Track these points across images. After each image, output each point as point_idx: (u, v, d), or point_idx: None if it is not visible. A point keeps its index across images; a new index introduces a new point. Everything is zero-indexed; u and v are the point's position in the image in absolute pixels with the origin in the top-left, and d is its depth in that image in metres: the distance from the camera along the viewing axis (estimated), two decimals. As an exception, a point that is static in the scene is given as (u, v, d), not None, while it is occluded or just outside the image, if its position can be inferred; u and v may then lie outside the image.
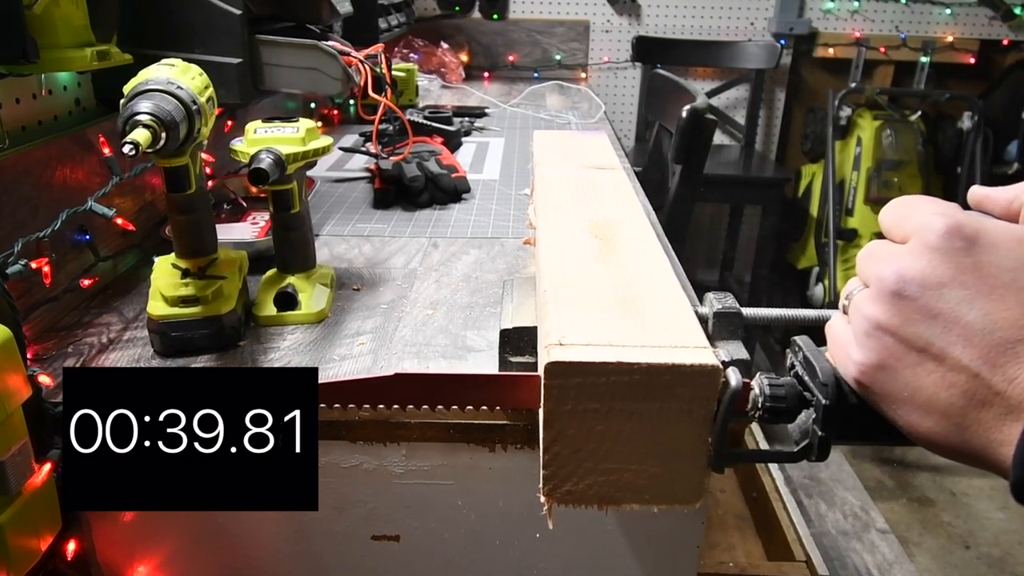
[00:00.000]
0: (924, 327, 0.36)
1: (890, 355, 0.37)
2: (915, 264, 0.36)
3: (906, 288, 0.36)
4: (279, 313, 0.76)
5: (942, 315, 0.35)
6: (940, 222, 0.36)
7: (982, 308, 0.35)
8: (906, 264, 0.37)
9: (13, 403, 0.49)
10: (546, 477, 0.45)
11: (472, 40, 2.76)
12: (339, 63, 0.94)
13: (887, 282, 0.37)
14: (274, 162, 0.70)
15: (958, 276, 0.35)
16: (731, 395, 0.43)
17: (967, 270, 0.35)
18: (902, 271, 0.37)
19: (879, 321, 0.37)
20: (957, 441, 0.36)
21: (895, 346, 0.37)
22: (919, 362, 0.36)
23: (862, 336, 0.39)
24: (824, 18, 2.81)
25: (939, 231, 0.36)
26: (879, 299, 0.38)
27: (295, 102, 1.65)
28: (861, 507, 1.97)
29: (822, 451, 0.42)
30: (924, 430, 0.37)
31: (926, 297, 0.36)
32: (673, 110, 1.54)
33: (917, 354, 0.36)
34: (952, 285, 0.35)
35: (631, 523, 0.67)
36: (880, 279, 0.38)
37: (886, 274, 0.37)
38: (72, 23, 0.71)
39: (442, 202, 1.18)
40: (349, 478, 0.65)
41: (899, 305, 0.37)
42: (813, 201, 2.84)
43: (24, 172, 0.72)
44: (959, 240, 0.36)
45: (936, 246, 0.36)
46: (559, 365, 0.42)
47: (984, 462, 0.35)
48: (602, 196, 0.72)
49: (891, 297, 0.37)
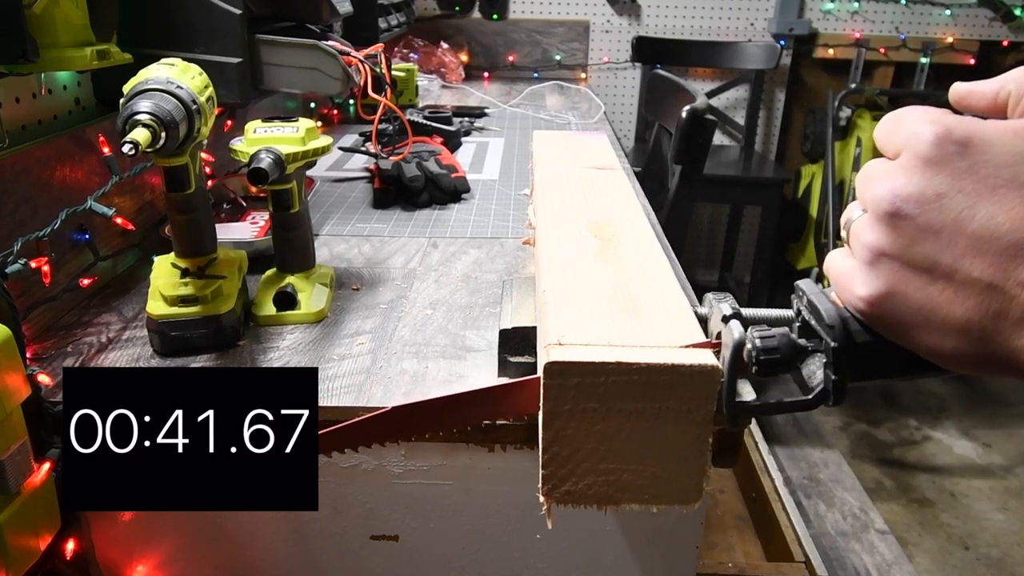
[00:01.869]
0: (928, 245, 0.34)
1: (897, 281, 0.35)
2: (909, 180, 0.34)
3: (903, 207, 0.34)
4: (278, 313, 0.76)
5: (945, 229, 0.33)
6: (928, 130, 0.34)
7: (986, 213, 0.32)
8: (900, 182, 0.34)
9: (12, 402, 0.49)
10: (545, 477, 0.45)
11: (472, 40, 2.76)
12: (339, 63, 0.94)
13: (883, 204, 0.35)
14: (273, 162, 0.70)
15: (955, 184, 0.33)
16: (735, 346, 0.42)
17: (964, 175, 0.33)
18: (897, 190, 0.34)
19: (880, 247, 0.35)
20: (981, 355, 0.34)
21: (901, 271, 0.35)
22: (929, 283, 0.34)
23: (865, 266, 0.37)
24: (824, 19, 2.81)
25: (929, 140, 0.34)
26: (877, 223, 0.35)
27: (295, 102, 1.65)
28: (860, 508, 1.97)
29: (838, 395, 0.40)
30: (947, 351, 0.35)
31: (926, 213, 0.34)
32: (673, 110, 1.54)
33: (926, 275, 0.34)
34: (950, 195, 0.33)
35: (630, 523, 0.67)
36: (876, 202, 0.35)
37: (881, 195, 0.35)
38: (72, 22, 0.71)
39: (442, 202, 1.18)
40: (348, 478, 0.65)
41: (899, 226, 0.34)
42: (813, 202, 2.84)
43: (24, 171, 0.72)
44: (951, 145, 0.34)
45: (928, 156, 0.34)
46: (558, 365, 0.42)
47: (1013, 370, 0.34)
48: (602, 196, 0.72)
49: (889, 219, 0.35)
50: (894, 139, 0.36)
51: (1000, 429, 2.46)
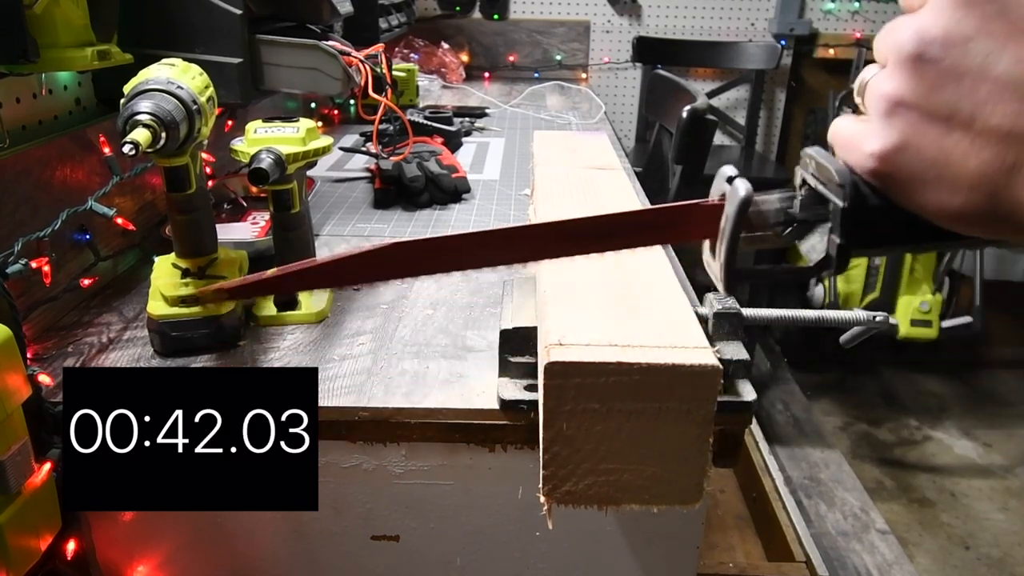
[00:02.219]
0: (950, 91, 0.32)
1: (913, 132, 0.34)
2: (936, 21, 0.33)
3: (928, 49, 0.33)
4: (279, 313, 0.76)
5: (969, 72, 0.32)
6: None
7: (1013, 57, 0.31)
8: (927, 23, 0.33)
9: (13, 403, 0.49)
10: (546, 477, 0.45)
11: (472, 40, 2.76)
12: (339, 63, 0.94)
13: (906, 47, 0.33)
14: (274, 162, 0.70)
15: (984, 26, 0.32)
16: (740, 205, 0.39)
17: (994, 17, 0.32)
18: (922, 31, 0.33)
19: (900, 95, 0.34)
20: (987, 212, 0.33)
21: (918, 121, 0.33)
22: (945, 132, 0.33)
23: (881, 118, 0.35)
24: (824, 19, 2.81)
25: None
26: (899, 69, 0.34)
27: (295, 102, 1.65)
28: (861, 508, 1.97)
29: (841, 261, 0.38)
30: (955, 208, 0.34)
31: (951, 56, 0.32)
32: (673, 110, 1.54)
33: (943, 124, 0.33)
34: (978, 37, 0.32)
35: (631, 523, 0.67)
36: (898, 46, 0.34)
37: (904, 38, 0.33)
38: (72, 23, 0.71)
39: (442, 202, 1.18)
40: (349, 478, 0.65)
41: (921, 71, 0.33)
42: (813, 202, 2.83)
43: (24, 172, 0.72)
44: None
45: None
46: (559, 365, 0.42)
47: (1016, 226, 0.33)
48: (602, 196, 0.72)
49: (912, 63, 0.33)
50: None
51: (1000, 429, 2.46)
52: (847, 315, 0.59)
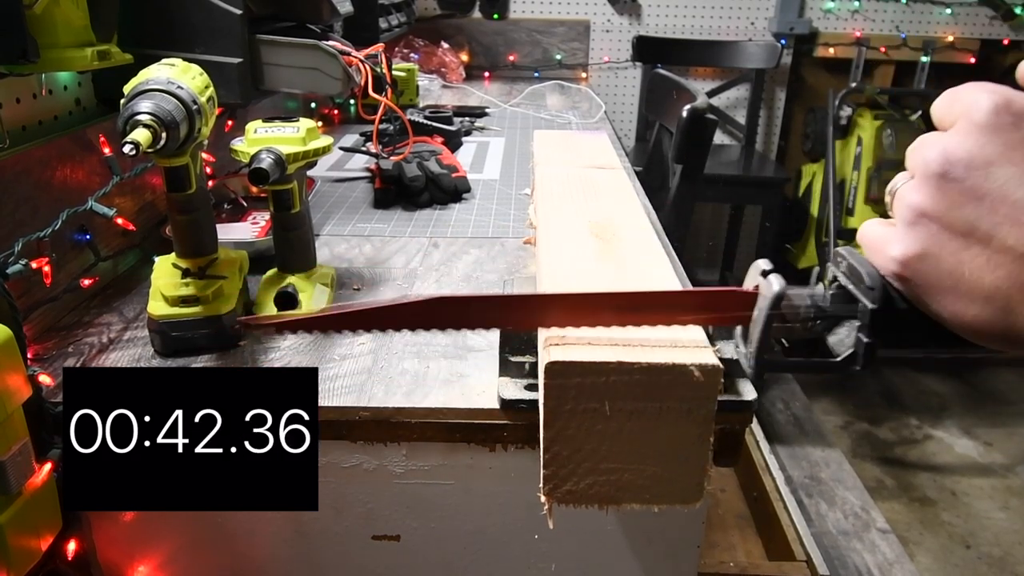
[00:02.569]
0: (970, 209, 0.34)
1: (934, 242, 0.36)
2: (962, 144, 0.35)
3: (952, 169, 0.35)
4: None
5: (989, 194, 0.34)
6: (987, 99, 0.35)
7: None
8: (952, 144, 0.35)
9: (13, 403, 0.49)
10: (546, 477, 0.45)
11: (472, 40, 2.76)
12: (339, 63, 0.94)
13: (932, 165, 0.35)
14: (274, 162, 0.70)
15: (1006, 153, 0.34)
16: (774, 300, 0.41)
17: (1016, 146, 0.34)
18: (948, 152, 0.35)
19: (923, 208, 0.36)
20: (1002, 326, 0.35)
21: (939, 233, 0.35)
22: (964, 246, 0.35)
23: (905, 226, 0.37)
24: (824, 18, 2.81)
25: (986, 108, 0.35)
26: (924, 184, 0.36)
27: (295, 102, 1.65)
28: (861, 507, 1.97)
29: (868, 359, 0.41)
30: (969, 319, 0.36)
31: (973, 177, 0.34)
32: (673, 110, 1.54)
33: (962, 239, 0.35)
34: (1000, 163, 0.34)
35: (631, 523, 0.67)
36: (925, 163, 0.36)
37: (931, 157, 0.36)
38: (72, 23, 0.71)
39: (442, 202, 1.18)
40: (349, 478, 0.65)
41: (944, 188, 0.35)
42: (813, 201, 2.84)
43: (24, 172, 0.72)
44: (1007, 115, 0.34)
45: (983, 123, 0.35)
46: (559, 365, 0.42)
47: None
48: (603, 196, 0.72)
49: (936, 180, 0.35)
50: (953, 109, 0.37)
51: (1001, 428, 2.46)
52: (847, 314, 0.59)
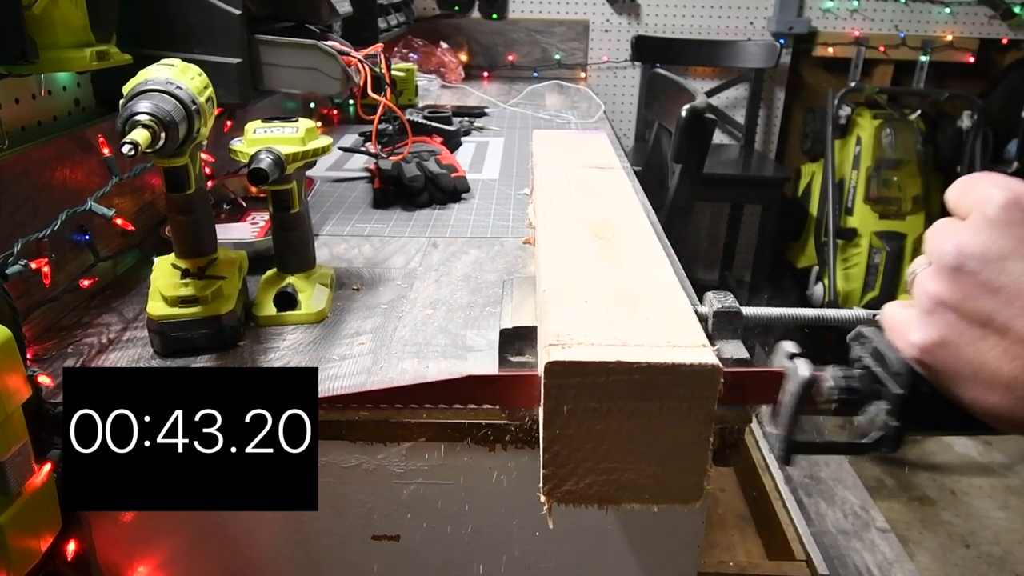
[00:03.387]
0: (986, 301, 0.36)
1: (952, 331, 0.37)
2: (975, 238, 0.36)
3: (967, 263, 0.36)
4: (278, 313, 0.76)
5: (1004, 288, 0.35)
6: (1000, 195, 0.36)
7: None
8: (966, 238, 0.36)
9: (13, 403, 0.49)
10: (546, 476, 0.45)
11: (471, 40, 2.76)
12: (338, 63, 0.94)
13: (947, 258, 0.37)
14: (273, 162, 0.70)
15: (1018, 248, 0.35)
16: (803, 385, 0.42)
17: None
18: (962, 246, 0.36)
19: (941, 297, 0.37)
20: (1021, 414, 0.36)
21: (957, 322, 0.37)
22: (981, 336, 0.36)
23: (924, 314, 0.38)
24: (823, 17, 2.81)
25: (999, 203, 0.36)
26: (940, 275, 0.37)
27: (294, 102, 1.64)
28: (861, 506, 1.97)
29: (896, 442, 0.42)
30: (990, 406, 0.37)
31: (987, 271, 0.36)
32: (673, 109, 1.54)
33: (979, 329, 0.36)
34: (1013, 257, 0.35)
35: (631, 523, 0.67)
36: (941, 255, 0.37)
37: (946, 250, 0.37)
38: (71, 23, 0.71)
39: (442, 202, 1.18)
40: (349, 478, 0.65)
41: (960, 280, 0.36)
42: (813, 200, 2.84)
43: (23, 172, 0.72)
44: (1018, 212, 0.36)
45: (996, 219, 0.36)
46: (559, 365, 0.42)
47: None
48: (602, 195, 0.72)
49: (952, 272, 0.37)
50: (966, 199, 0.38)
51: (1001, 427, 2.46)
52: (847, 314, 0.59)
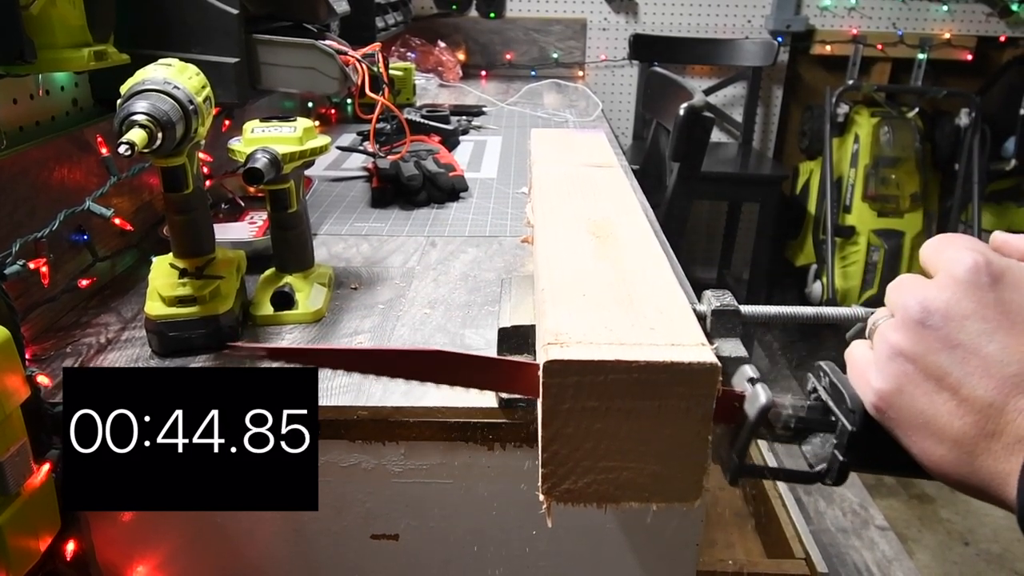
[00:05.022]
0: (944, 356, 0.37)
1: (908, 381, 0.39)
2: (940, 296, 0.38)
3: (929, 318, 0.38)
4: (276, 313, 0.76)
5: (962, 346, 0.37)
6: (968, 257, 0.38)
7: (1001, 342, 0.36)
8: (932, 295, 0.38)
9: (12, 404, 0.49)
10: (545, 475, 0.45)
11: (469, 39, 2.76)
12: (336, 62, 0.94)
13: (912, 311, 0.38)
14: (269, 161, 0.70)
15: (980, 310, 0.37)
16: (761, 411, 0.43)
17: (990, 305, 0.37)
18: (927, 302, 0.38)
19: (901, 348, 0.39)
20: (967, 471, 0.37)
21: (914, 373, 0.38)
22: (935, 390, 0.37)
23: (883, 361, 0.40)
24: (821, 15, 2.81)
25: (967, 265, 0.38)
26: (903, 327, 0.39)
27: (292, 101, 1.64)
28: (860, 504, 1.97)
29: (840, 476, 0.44)
30: (936, 458, 0.38)
31: (948, 328, 0.37)
32: (671, 108, 1.54)
33: (934, 383, 0.38)
34: (974, 318, 0.37)
35: (630, 521, 0.67)
36: (905, 308, 0.39)
37: (911, 304, 0.39)
38: (69, 23, 0.71)
39: (440, 201, 1.18)
40: (348, 477, 0.65)
41: (922, 334, 0.38)
42: (811, 198, 2.84)
43: (21, 172, 0.72)
44: (985, 276, 0.37)
45: (962, 279, 0.37)
46: (557, 364, 0.42)
47: (991, 495, 0.36)
48: (600, 194, 0.72)
49: (915, 326, 0.38)
50: (940, 255, 0.40)
51: (999, 424, 2.46)
52: (845, 312, 0.59)
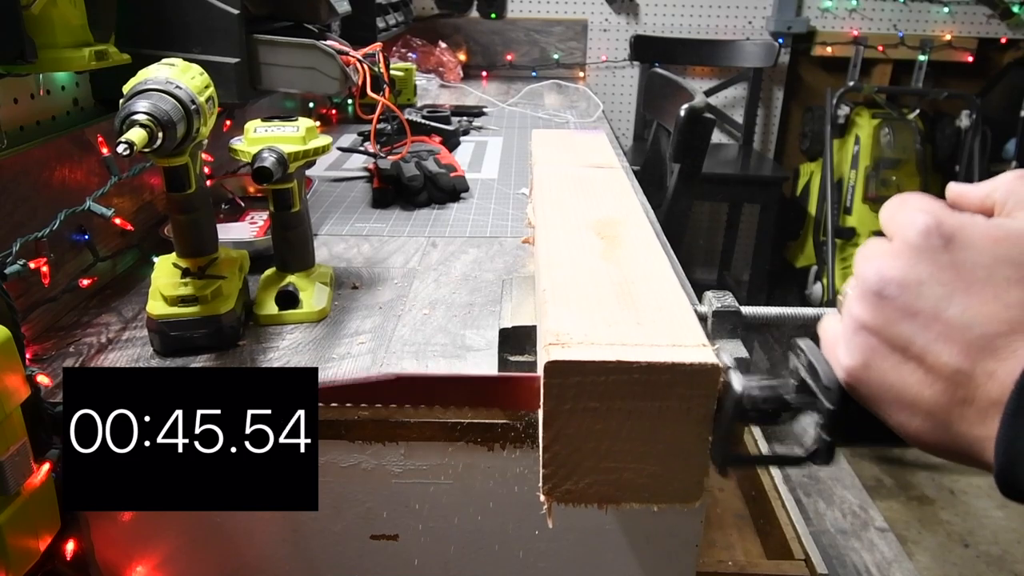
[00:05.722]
0: (905, 326, 0.36)
1: (874, 355, 0.37)
2: (895, 263, 0.37)
3: (886, 288, 0.37)
4: (280, 312, 0.76)
5: (921, 313, 0.35)
6: (920, 220, 0.36)
7: (960, 304, 0.35)
8: (887, 264, 0.37)
9: (12, 403, 0.49)
10: (546, 476, 0.45)
11: (470, 39, 2.76)
12: (337, 63, 0.94)
13: (869, 282, 0.37)
14: (277, 161, 0.70)
15: (936, 274, 0.35)
16: (735, 399, 0.43)
17: (945, 267, 0.35)
18: (882, 271, 0.37)
19: (863, 321, 0.38)
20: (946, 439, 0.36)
21: (879, 346, 0.37)
22: (902, 362, 0.36)
23: (849, 335, 0.39)
24: (822, 17, 2.81)
25: (919, 229, 0.36)
26: (863, 299, 0.38)
27: (293, 101, 1.64)
28: (860, 505, 1.97)
29: (827, 456, 0.43)
30: (913, 430, 0.37)
31: (905, 296, 0.36)
32: (671, 109, 1.54)
33: (900, 354, 0.36)
34: (930, 283, 0.35)
35: (630, 522, 0.67)
36: (864, 279, 0.38)
37: (868, 274, 0.38)
38: (70, 23, 0.71)
39: (440, 201, 1.18)
40: (348, 477, 0.65)
41: (880, 305, 0.37)
42: (811, 200, 2.84)
43: (22, 172, 0.72)
44: (937, 238, 0.36)
45: (915, 244, 0.36)
46: (558, 364, 0.42)
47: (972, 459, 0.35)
48: (601, 195, 0.72)
49: (873, 297, 0.37)
50: (893, 221, 0.39)
51: (999, 426, 2.46)
52: (846, 313, 0.59)
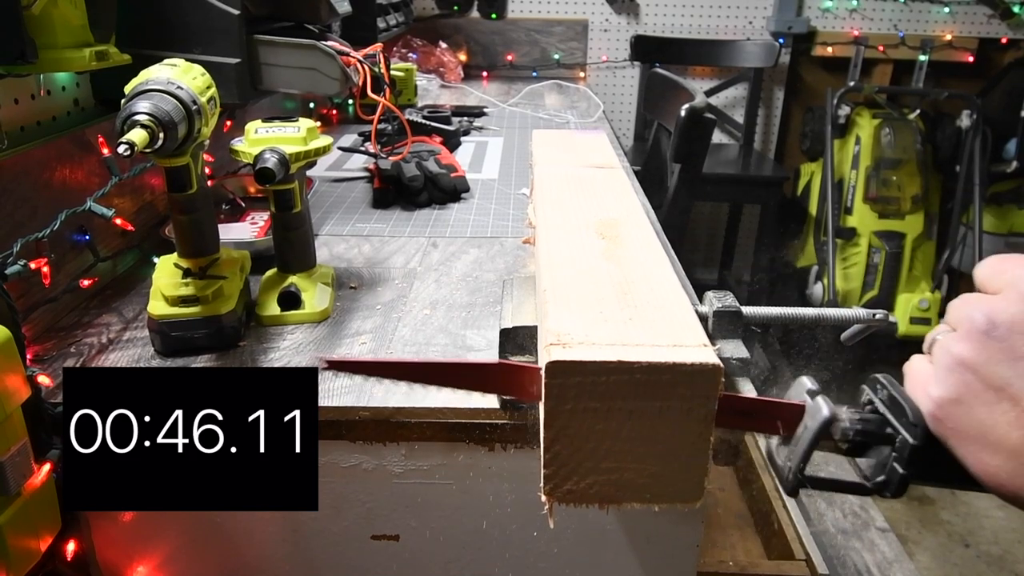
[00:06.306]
0: (1006, 367, 0.38)
1: (968, 391, 0.39)
2: (1008, 308, 0.39)
3: (995, 329, 0.39)
4: (283, 313, 0.76)
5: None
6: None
7: None
8: (999, 308, 0.39)
9: (12, 403, 0.49)
10: (547, 476, 0.45)
11: (471, 40, 2.76)
12: (337, 63, 0.94)
13: (977, 322, 0.39)
14: (279, 161, 0.70)
15: None
16: (823, 423, 0.45)
17: None
18: (994, 314, 0.39)
19: (963, 358, 0.40)
20: (1021, 483, 0.38)
21: (975, 383, 0.39)
22: (995, 400, 0.38)
23: (944, 371, 0.41)
24: (822, 17, 2.81)
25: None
26: (967, 338, 0.40)
27: (294, 102, 1.64)
28: (860, 505, 1.97)
29: (900, 488, 0.44)
30: (992, 469, 0.39)
31: (1012, 340, 0.38)
32: (672, 109, 1.54)
33: (994, 393, 0.38)
34: None
35: (631, 522, 0.67)
36: (971, 320, 0.40)
37: (977, 316, 0.40)
38: (70, 23, 0.71)
39: (441, 201, 1.18)
40: (348, 478, 0.65)
41: (985, 344, 0.39)
42: (812, 200, 2.84)
43: (23, 173, 0.72)
44: None
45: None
46: (559, 364, 0.42)
47: None
48: (601, 195, 0.72)
49: (979, 336, 0.39)
50: (1000, 277, 0.41)
51: (1000, 426, 2.46)
52: (846, 313, 0.59)
